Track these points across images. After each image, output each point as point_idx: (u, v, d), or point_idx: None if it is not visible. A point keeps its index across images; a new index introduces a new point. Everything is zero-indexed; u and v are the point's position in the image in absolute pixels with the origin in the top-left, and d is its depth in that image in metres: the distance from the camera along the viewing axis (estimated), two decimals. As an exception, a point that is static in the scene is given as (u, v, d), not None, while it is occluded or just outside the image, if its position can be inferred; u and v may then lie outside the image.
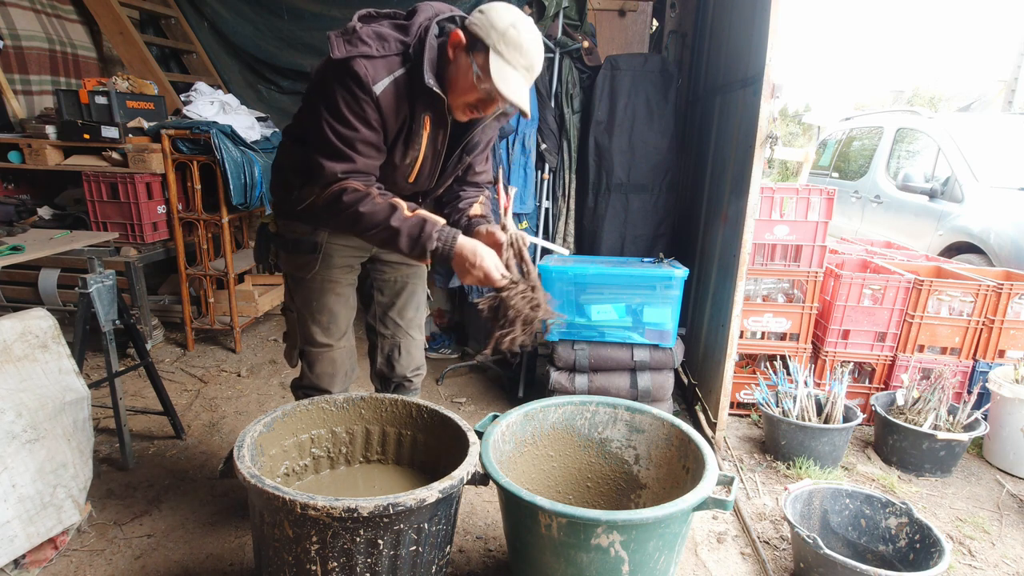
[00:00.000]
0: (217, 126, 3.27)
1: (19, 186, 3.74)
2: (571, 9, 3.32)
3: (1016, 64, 8.03)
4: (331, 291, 1.87)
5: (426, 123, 1.62)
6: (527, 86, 1.55)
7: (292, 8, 4.14)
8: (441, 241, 1.58)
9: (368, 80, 1.50)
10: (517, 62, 1.50)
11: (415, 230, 1.57)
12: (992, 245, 3.76)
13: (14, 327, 1.81)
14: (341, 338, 1.94)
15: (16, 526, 1.71)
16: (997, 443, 2.62)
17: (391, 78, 1.53)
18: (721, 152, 2.80)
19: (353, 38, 1.52)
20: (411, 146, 1.65)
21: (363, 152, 1.57)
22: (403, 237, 1.56)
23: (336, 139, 1.54)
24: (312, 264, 1.83)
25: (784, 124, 13.56)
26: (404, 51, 1.56)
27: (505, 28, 1.48)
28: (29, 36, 3.72)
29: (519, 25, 1.49)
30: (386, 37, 1.55)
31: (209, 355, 3.57)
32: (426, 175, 1.75)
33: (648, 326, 2.71)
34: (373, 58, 1.51)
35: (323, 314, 1.89)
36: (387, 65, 1.53)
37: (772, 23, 2.15)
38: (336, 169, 1.55)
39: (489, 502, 2.28)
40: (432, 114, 1.61)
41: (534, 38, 1.52)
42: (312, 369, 1.95)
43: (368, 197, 1.55)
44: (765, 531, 2.16)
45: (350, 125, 1.53)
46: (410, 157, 1.67)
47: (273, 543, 1.45)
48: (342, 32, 1.54)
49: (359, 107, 1.52)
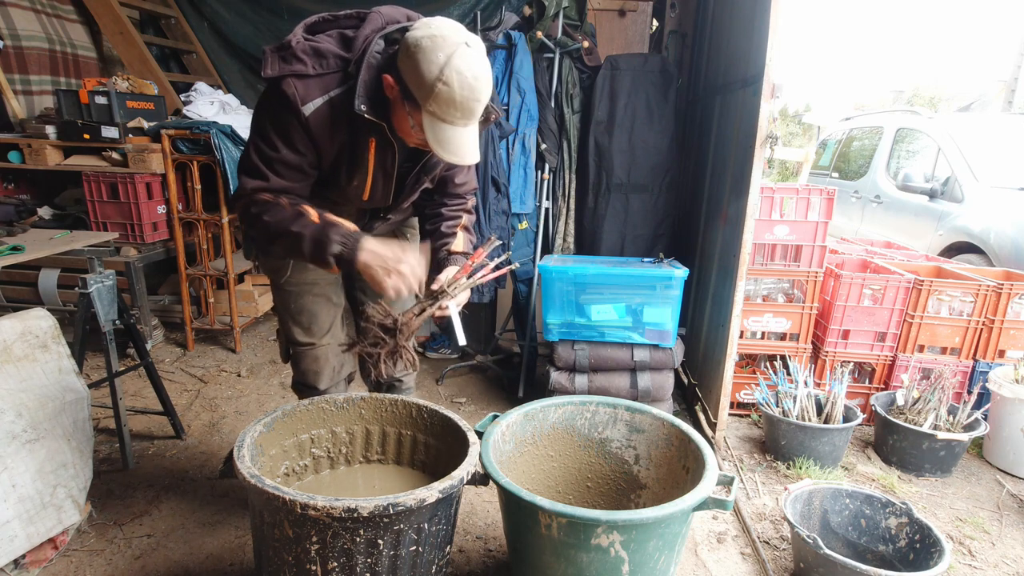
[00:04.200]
0: (217, 126, 3.27)
1: (19, 186, 3.74)
2: (571, 9, 3.31)
3: (1016, 64, 8.03)
4: (308, 293, 1.83)
5: (371, 146, 1.53)
6: (471, 131, 1.43)
7: (292, 8, 4.14)
8: (343, 245, 1.47)
9: (296, 101, 1.42)
10: (454, 118, 1.38)
11: (317, 233, 1.47)
12: (992, 245, 3.76)
13: (14, 327, 1.81)
14: (324, 336, 1.89)
15: (16, 526, 1.71)
16: (997, 443, 2.62)
17: (325, 98, 1.45)
18: (721, 152, 2.80)
19: (287, 54, 1.44)
20: (357, 168, 1.57)
21: (280, 172, 1.50)
22: (306, 243, 1.47)
23: (256, 156, 1.50)
24: (284, 269, 1.80)
25: (784, 124, 13.55)
26: (344, 68, 1.46)
27: (432, 83, 1.32)
28: (29, 36, 3.72)
29: (449, 75, 1.31)
30: (324, 53, 1.45)
31: (209, 355, 3.57)
32: (379, 195, 1.66)
33: (648, 326, 2.71)
34: (307, 77, 1.43)
35: (302, 315, 1.86)
36: (322, 84, 1.45)
37: (772, 23, 2.15)
38: (248, 185, 1.50)
39: (489, 502, 2.28)
40: (376, 137, 1.52)
41: (470, 83, 1.34)
42: (298, 366, 1.94)
43: (275, 206, 1.49)
44: (765, 531, 2.16)
45: (272, 144, 1.48)
46: (357, 179, 1.59)
47: (273, 543, 1.45)
48: (277, 47, 1.45)
49: (284, 128, 1.46)
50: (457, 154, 1.42)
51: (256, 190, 1.50)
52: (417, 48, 1.34)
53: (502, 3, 3.59)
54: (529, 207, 3.33)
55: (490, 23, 3.46)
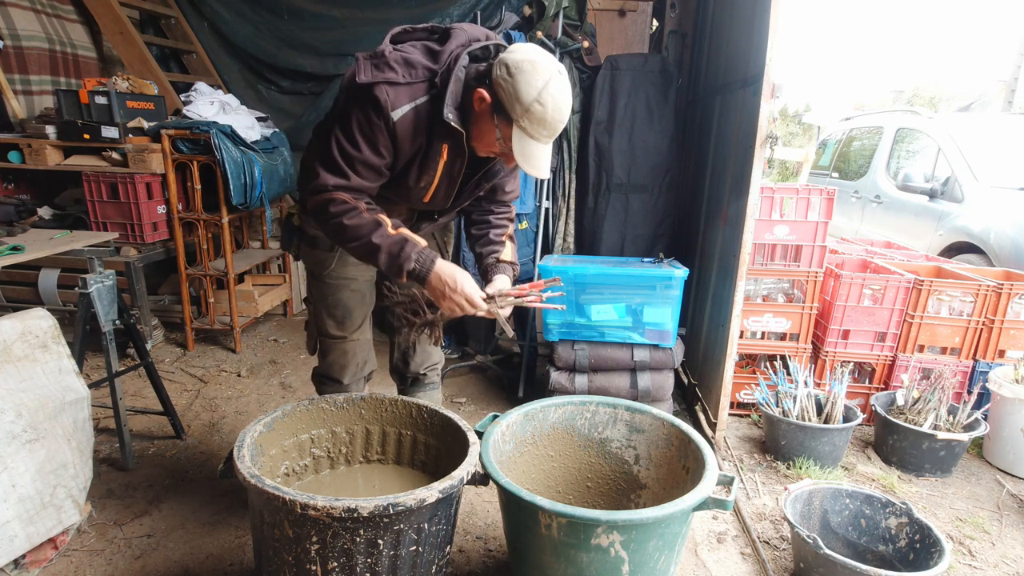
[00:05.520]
0: (217, 126, 3.27)
1: (19, 186, 3.73)
2: (571, 9, 3.31)
3: (1016, 64, 8.03)
4: (346, 288, 1.91)
5: (444, 151, 1.63)
6: (549, 148, 1.57)
7: (292, 8, 4.14)
8: (419, 264, 1.60)
9: (387, 107, 1.52)
10: (541, 135, 1.51)
11: (395, 248, 1.58)
12: (992, 245, 3.76)
13: (14, 327, 1.81)
14: (355, 331, 1.97)
15: (16, 526, 1.71)
16: (997, 443, 2.62)
17: (412, 105, 1.55)
18: (721, 152, 2.80)
19: (380, 62, 1.53)
20: (426, 171, 1.66)
21: (360, 172, 1.59)
22: (383, 254, 1.58)
23: (338, 154, 1.57)
24: (328, 262, 1.88)
25: (784, 124, 13.54)
26: (431, 79, 1.56)
27: (530, 103, 1.46)
28: (29, 36, 3.72)
29: (545, 98, 1.46)
30: (414, 63, 1.56)
31: (209, 355, 3.57)
32: (441, 197, 1.77)
33: (648, 326, 2.71)
34: (397, 85, 1.53)
35: (337, 309, 1.93)
36: (410, 92, 1.55)
37: (772, 23, 2.15)
38: (329, 181, 1.57)
39: (489, 502, 2.28)
40: (451, 144, 1.62)
41: (561, 106, 1.49)
42: (326, 358, 2.01)
43: (354, 211, 1.58)
44: (765, 531, 2.16)
45: (356, 145, 1.56)
46: (424, 181, 1.69)
47: (273, 543, 1.45)
48: (371, 55, 1.55)
49: (371, 131, 1.55)
50: (537, 168, 1.55)
51: (337, 187, 1.58)
52: (519, 70, 1.46)
53: (502, 3, 3.59)
54: (529, 207, 3.33)
55: (490, 23, 3.47)
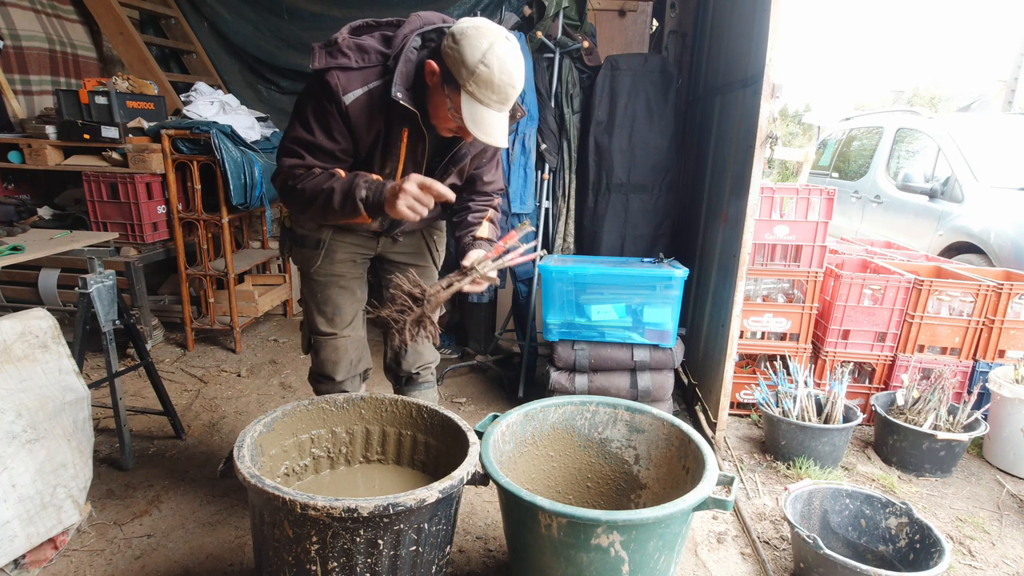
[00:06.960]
0: (217, 126, 3.27)
1: (19, 186, 3.73)
2: (571, 9, 3.31)
3: (1016, 64, 8.03)
4: (335, 284, 1.95)
5: (403, 135, 1.65)
6: (503, 117, 1.54)
7: (292, 8, 4.14)
8: (369, 189, 1.58)
9: (339, 91, 1.54)
10: (490, 99, 1.49)
11: (346, 184, 1.59)
12: (992, 245, 3.76)
13: (14, 327, 1.81)
14: (346, 328, 1.99)
15: (16, 526, 1.71)
16: (997, 443, 2.62)
17: (364, 89, 1.57)
18: (721, 152, 2.80)
19: (333, 49, 1.57)
20: (389, 156, 1.68)
21: (315, 156, 1.63)
22: (337, 195, 1.58)
23: (294, 141, 1.62)
24: (315, 259, 1.91)
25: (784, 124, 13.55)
26: (383, 63, 1.59)
27: (475, 65, 1.44)
28: (29, 36, 3.72)
29: (491, 59, 1.44)
30: (367, 49, 1.59)
31: (209, 355, 3.57)
32: None
33: (648, 326, 2.71)
34: (349, 70, 1.56)
35: (327, 305, 1.96)
36: (362, 77, 1.57)
37: (772, 23, 2.15)
38: (285, 164, 1.64)
39: (489, 502, 2.28)
40: (408, 127, 1.64)
41: (509, 68, 1.46)
42: (318, 355, 2.02)
43: (309, 175, 1.61)
44: (765, 531, 2.16)
45: (311, 130, 1.60)
46: (389, 167, 1.70)
47: (273, 543, 1.45)
48: (325, 44, 1.59)
49: (324, 116, 1.58)
50: (490, 135, 1.52)
51: (292, 166, 1.63)
52: (463, 35, 1.47)
53: (502, 3, 3.59)
54: (529, 207, 3.33)
55: (490, 23, 3.45)
